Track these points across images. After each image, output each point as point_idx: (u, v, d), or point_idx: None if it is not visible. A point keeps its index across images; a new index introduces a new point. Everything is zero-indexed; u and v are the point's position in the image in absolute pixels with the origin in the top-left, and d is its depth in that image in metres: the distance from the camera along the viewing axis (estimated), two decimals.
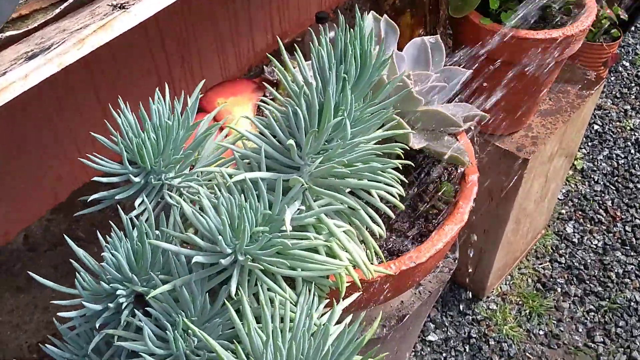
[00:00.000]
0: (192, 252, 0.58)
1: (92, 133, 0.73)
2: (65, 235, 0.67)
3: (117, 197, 0.72)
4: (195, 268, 0.61)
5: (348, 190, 0.70)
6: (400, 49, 0.97)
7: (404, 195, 0.96)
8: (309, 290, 0.65)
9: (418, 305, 1.06)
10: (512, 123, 1.40)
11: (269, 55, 0.68)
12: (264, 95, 0.99)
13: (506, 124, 1.39)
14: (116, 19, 0.71)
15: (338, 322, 0.64)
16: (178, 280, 0.59)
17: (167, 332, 0.59)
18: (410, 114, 0.90)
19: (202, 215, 0.58)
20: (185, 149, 0.77)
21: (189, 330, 0.59)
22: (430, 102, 0.92)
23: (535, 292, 1.88)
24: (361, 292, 0.72)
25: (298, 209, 0.65)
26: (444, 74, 0.95)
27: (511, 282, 1.90)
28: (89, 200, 0.71)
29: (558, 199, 2.08)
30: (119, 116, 0.72)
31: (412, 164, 0.83)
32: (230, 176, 0.60)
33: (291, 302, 0.64)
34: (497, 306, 1.85)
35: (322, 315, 0.64)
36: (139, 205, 0.70)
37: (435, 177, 0.98)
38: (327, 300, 0.67)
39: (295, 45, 0.97)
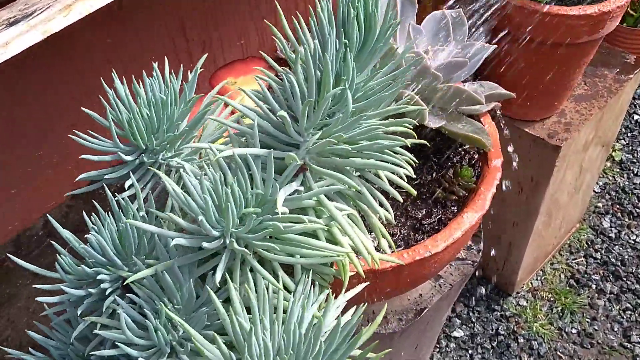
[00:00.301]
0: (173, 234, 0.53)
1: (83, 108, 0.69)
2: (50, 217, 0.63)
3: (106, 177, 0.67)
4: (179, 252, 0.56)
5: (357, 173, 0.65)
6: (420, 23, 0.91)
7: (415, 177, 0.90)
8: (308, 279, 0.59)
9: (437, 299, 1.00)
10: (543, 107, 1.32)
11: (266, 22, 0.62)
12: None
13: (536, 109, 1.31)
14: None
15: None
16: (159, 265, 0.54)
17: (148, 320, 0.54)
18: (428, 92, 0.83)
19: (182, 194, 0.53)
20: (183, 127, 0.72)
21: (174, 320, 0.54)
22: (451, 80, 0.85)
23: (568, 288, 1.79)
24: (368, 283, 0.66)
25: (296, 190, 0.59)
26: (465, 49, 0.88)
27: (543, 278, 1.81)
28: (76, 179, 0.67)
29: (594, 191, 1.98)
30: (110, 89, 0.67)
31: (429, 145, 0.77)
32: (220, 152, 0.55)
33: (288, 291, 0.59)
34: (527, 302, 1.76)
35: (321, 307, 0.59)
36: (128, 187, 0.66)
37: (456, 161, 0.91)
38: (328, 291, 0.61)
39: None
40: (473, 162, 0.91)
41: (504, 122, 0.98)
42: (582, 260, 1.85)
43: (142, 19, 1.01)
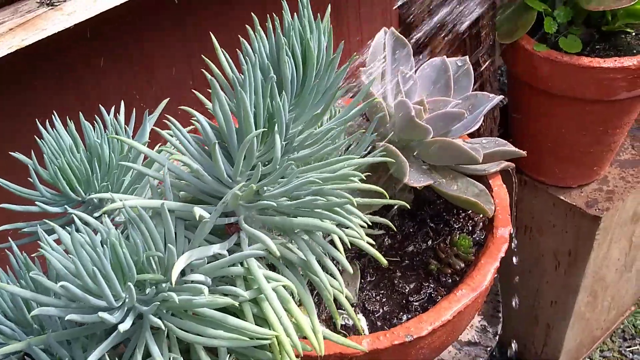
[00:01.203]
0: (48, 301, 0.43)
1: (12, 153, 0.61)
2: None
3: (22, 231, 0.59)
4: (69, 324, 0.47)
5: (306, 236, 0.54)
6: None
7: (407, 245, 0.78)
8: None
9: None
10: (581, 172, 1.17)
11: (204, 57, 0.53)
12: None
13: (573, 173, 1.17)
14: (41, 17, 0.60)
15: None
16: (34, 339, 0.44)
17: None
18: (419, 147, 0.72)
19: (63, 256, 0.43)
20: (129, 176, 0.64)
21: None
22: (448, 134, 0.74)
23: None
24: None
25: (218, 254, 0.49)
26: (468, 101, 0.77)
27: None
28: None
29: None
30: (45, 130, 0.60)
31: (408, 207, 0.65)
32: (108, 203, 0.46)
33: None
34: None
35: None
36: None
37: (457, 228, 0.78)
38: None
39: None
40: (478, 230, 0.78)
41: (516, 182, 0.85)
42: (638, 349, 1.62)
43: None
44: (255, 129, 0.46)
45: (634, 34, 1.03)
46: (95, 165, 0.60)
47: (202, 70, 0.50)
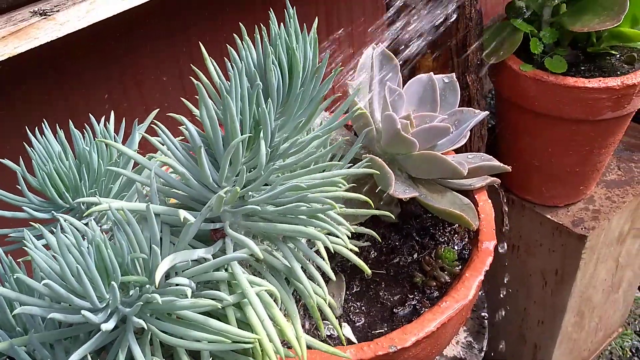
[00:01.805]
0: (29, 300, 0.44)
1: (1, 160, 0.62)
2: None
3: (10, 236, 0.59)
4: (52, 327, 0.47)
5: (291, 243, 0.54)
6: None
7: (393, 257, 0.78)
8: None
9: None
10: (567, 191, 1.18)
11: (192, 66, 0.54)
12: None
13: (560, 192, 1.18)
14: (34, 26, 0.61)
15: None
16: (16, 339, 0.44)
17: None
18: (405, 160, 0.73)
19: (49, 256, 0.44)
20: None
21: None
22: (434, 149, 0.75)
23: None
24: None
25: (202, 258, 0.49)
26: (454, 116, 0.78)
27: None
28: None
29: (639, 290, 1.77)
30: (34, 138, 0.61)
31: (393, 218, 0.66)
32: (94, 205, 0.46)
33: None
34: None
35: None
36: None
37: (442, 241, 0.79)
38: None
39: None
40: (463, 243, 0.79)
41: (505, 200, 0.86)
42: None
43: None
44: (241, 135, 0.47)
45: (618, 55, 1.05)
46: (83, 172, 0.61)
47: (191, 78, 0.52)
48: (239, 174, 0.47)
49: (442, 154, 0.73)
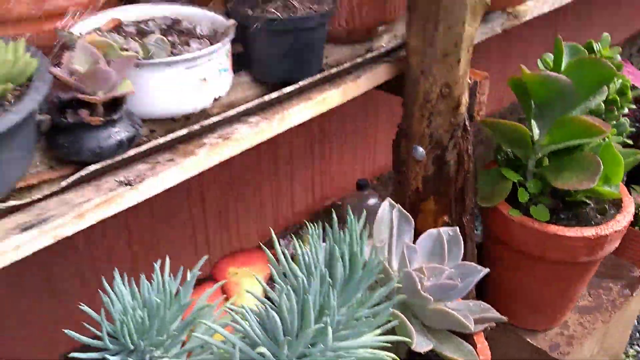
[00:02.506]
0: None
1: (81, 304, 0.71)
2: None
3: None
4: None
5: None
6: (419, 234, 0.95)
7: None
8: None
9: None
10: (546, 319, 1.31)
11: (261, 244, 0.66)
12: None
13: (539, 319, 1.31)
14: (120, 195, 0.72)
15: None
16: None
17: None
18: (419, 310, 0.85)
19: None
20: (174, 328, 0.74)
21: None
22: (443, 298, 0.87)
23: None
24: None
25: None
26: (459, 269, 0.91)
27: None
28: None
29: None
30: (109, 289, 0.71)
31: None
32: None
33: None
34: None
35: None
36: None
37: None
38: None
39: (333, 209, 0.96)
40: None
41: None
42: None
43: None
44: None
45: (592, 205, 1.20)
46: (154, 322, 0.71)
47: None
48: (313, 345, 0.58)
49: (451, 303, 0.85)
